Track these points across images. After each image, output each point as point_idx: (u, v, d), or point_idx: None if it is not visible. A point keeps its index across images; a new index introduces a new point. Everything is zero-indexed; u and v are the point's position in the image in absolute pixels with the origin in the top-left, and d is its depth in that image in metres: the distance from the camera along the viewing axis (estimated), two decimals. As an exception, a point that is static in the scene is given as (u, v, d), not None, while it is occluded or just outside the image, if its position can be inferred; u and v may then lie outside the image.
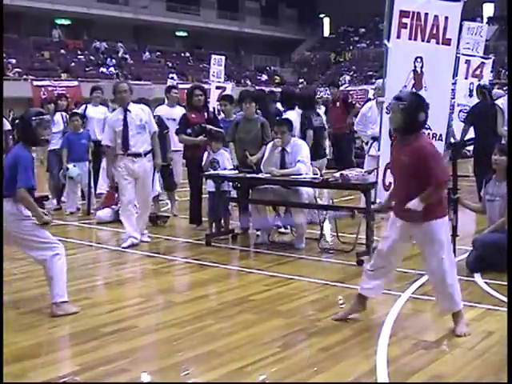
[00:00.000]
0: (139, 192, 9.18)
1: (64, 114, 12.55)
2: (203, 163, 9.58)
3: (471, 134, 11.67)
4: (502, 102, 10.71)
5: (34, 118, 5.99)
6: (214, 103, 16.23)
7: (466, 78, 16.20)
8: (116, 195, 10.42)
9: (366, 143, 11.19)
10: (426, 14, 7.81)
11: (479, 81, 15.62)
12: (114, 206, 10.66)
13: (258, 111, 10.08)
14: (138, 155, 9.01)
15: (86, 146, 11.74)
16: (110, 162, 9.39)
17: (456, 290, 5.56)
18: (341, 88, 17.75)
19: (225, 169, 9.47)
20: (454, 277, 5.58)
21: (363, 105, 12.13)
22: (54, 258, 5.98)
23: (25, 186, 5.84)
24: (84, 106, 12.96)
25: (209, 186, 9.73)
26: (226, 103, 10.59)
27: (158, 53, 50.19)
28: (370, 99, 11.65)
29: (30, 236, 5.96)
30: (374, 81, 31.47)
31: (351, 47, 57.30)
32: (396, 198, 5.74)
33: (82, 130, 11.87)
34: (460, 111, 15.56)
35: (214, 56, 19.66)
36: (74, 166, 11.48)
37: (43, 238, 6.01)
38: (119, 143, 9.04)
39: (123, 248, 8.89)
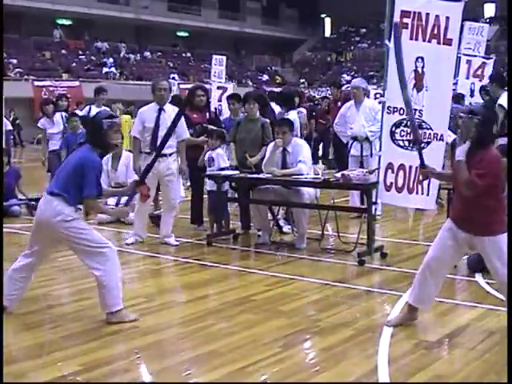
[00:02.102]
0: (164, 193, 9.07)
1: (64, 114, 12.57)
2: (200, 159, 9.57)
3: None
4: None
5: (105, 121, 5.83)
6: (215, 103, 16.23)
7: (468, 78, 16.21)
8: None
9: (346, 144, 11.18)
10: (427, 14, 7.81)
11: (480, 81, 15.62)
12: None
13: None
14: (163, 155, 8.78)
15: None
16: (137, 154, 9.15)
17: None
18: (342, 88, 17.71)
19: (220, 168, 9.48)
20: None
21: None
22: (105, 271, 5.72)
23: (93, 195, 5.72)
24: (88, 108, 12.89)
25: (208, 185, 9.74)
26: (234, 102, 10.63)
27: (159, 53, 50.21)
28: (349, 99, 11.61)
29: (80, 240, 5.73)
30: (375, 81, 31.55)
31: (352, 47, 57.29)
32: (458, 210, 5.65)
33: (80, 131, 11.88)
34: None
35: (215, 56, 19.65)
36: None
37: (93, 241, 5.76)
38: (147, 140, 8.96)
39: (126, 244, 8.92)
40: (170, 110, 8.98)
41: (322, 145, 19.35)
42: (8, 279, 5.99)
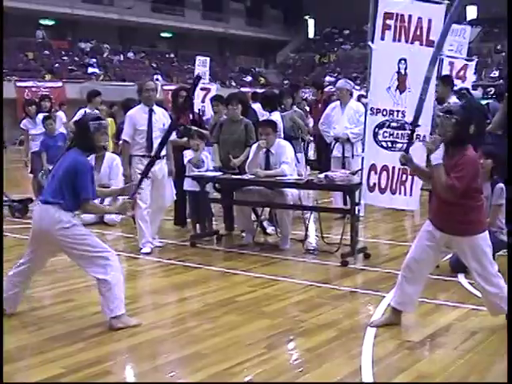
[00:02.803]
0: (156, 195, 8.90)
1: (46, 114, 12.49)
2: (186, 161, 9.52)
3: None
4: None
5: (92, 123, 5.77)
6: (198, 104, 16.20)
7: (450, 80, 16.25)
8: None
9: (330, 144, 11.19)
10: (410, 16, 7.84)
11: (463, 82, 15.68)
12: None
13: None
14: (158, 157, 8.68)
15: (62, 149, 11.61)
16: (127, 159, 8.96)
17: (503, 290, 5.53)
18: (326, 89, 17.70)
19: (207, 169, 9.49)
20: (500, 280, 5.57)
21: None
22: (107, 275, 5.67)
23: (90, 198, 5.68)
24: (83, 110, 12.65)
25: (188, 185, 9.63)
26: (217, 103, 10.64)
27: (143, 54, 50.07)
28: (332, 101, 11.63)
29: (81, 245, 5.68)
30: (358, 82, 31.63)
31: (336, 49, 57.31)
32: (435, 211, 5.66)
33: (57, 133, 11.83)
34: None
35: (198, 57, 19.57)
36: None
37: (94, 247, 5.73)
38: (141, 143, 8.74)
39: (144, 253, 8.67)
40: (159, 111, 8.93)
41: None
42: (6, 283, 5.99)
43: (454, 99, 9.38)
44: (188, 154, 9.65)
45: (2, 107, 8.97)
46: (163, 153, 8.70)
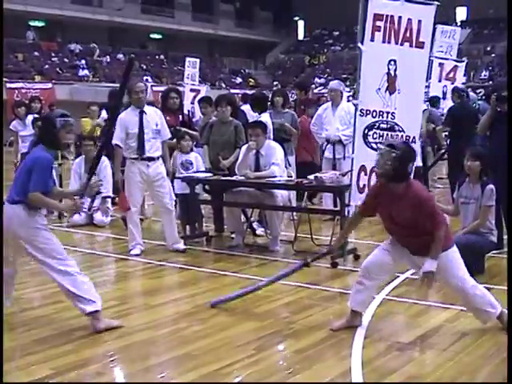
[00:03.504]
0: (158, 197, 8.80)
1: (37, 116, 12.45)
2: (171, 163, 9.47)
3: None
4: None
5: (58, 119, 5.72)
6: (188, 106, 16.20)
7: (440, 81, 16.34)
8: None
9: (321, 146, 11.18)
10: (400, 17, 7.85)
11: (452, 84, 15.75)
12: (85, 209, 10.55)
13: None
14: (151, 159, 8.62)
15: None
16: (119, 164, 8.88)
17: (486, 297, 5.57)
18: (315, 90, 17.71)
19: (197, 171, 9.49)
20: (479, 287, 5.60)
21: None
22: (70, 276, 5.64)
23: (37, 190, 5.54)
24: (104, 112, 12.49)
25: (178, 188, 9.59)
26: (206, 105, 10.62)
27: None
28: (327, 101, 11.61)
29: (46, 249, 5.63)
30: (348, 83, 31.67)
31: (325, 50, 57.42)
32: (398, 235, 5.67)
33: None
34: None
35: (188, 58, 19.58)
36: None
37: (58, 253, 5.68)
38: (132, 146, 8.61)
39: (132, 255, 8.61)
40: (152, 111, 8.83)
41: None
42: None
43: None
44: (178, 156, 9.66)
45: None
46: (158, 154, 8.69)
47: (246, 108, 11.42)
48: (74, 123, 5.95)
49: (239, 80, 52.84)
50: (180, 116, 10.52)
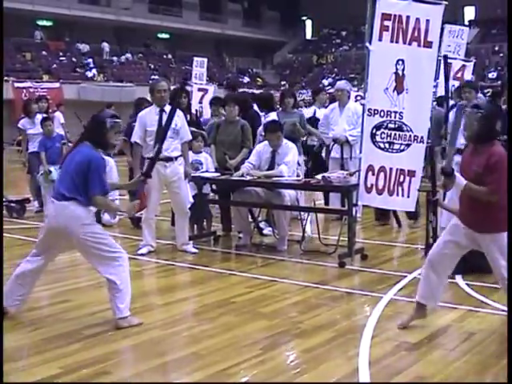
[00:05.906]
0: (174, 198, 8.77)
1: (45, 116, 12.47)
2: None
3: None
4: None
5: (109, 120, 5.74)
6: (196, 105, 16.21)
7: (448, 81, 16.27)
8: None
9: (328, 146, 11.16)
10: (408, 17, 7.83)
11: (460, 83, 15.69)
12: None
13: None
14: (169, 159, 8.54)
15: (60, 150, 11.58)
16: (137, 162, 8.79)
17: None
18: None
19: (207, 171, 9.50)
20: None
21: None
22: (118, 277, 5.71)
23: (100, 193, 5.62)
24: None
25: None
26: (217, 107, 10.64)
27: (140, 54, 50.04)
28: (334, 101, 11.59)
29: (98, 244, 5.69)
30: (356, 83, 31.65)
31: (333, 50, 57.34)
32: (464, 209, 5.62)
33: (55, 134, 11.80)
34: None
35: (196, 58, 19.59)
36: (56, 169, 11.38)
37: (110, 247, 5.75)
38: (150, 144, 8.54)
39: (141, 254, 8.60)
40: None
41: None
42: (12, 284, 5.96)
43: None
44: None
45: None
46: (176, 154, 8.65)
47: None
48: (121, 125, 5.99)
49: (247, 79, 52.82)
50: (188, 115, 10.51)
